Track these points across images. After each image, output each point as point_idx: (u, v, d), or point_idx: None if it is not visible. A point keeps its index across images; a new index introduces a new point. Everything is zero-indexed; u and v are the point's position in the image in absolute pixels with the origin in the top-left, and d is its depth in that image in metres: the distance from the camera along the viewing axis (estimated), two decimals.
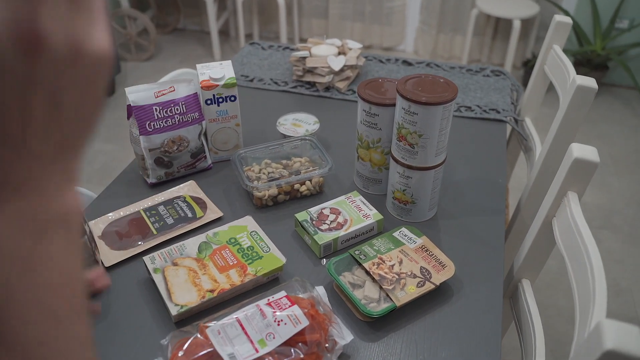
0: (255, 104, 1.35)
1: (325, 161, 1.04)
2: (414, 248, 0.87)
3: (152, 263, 0.86)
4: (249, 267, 0.85)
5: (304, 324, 0.72)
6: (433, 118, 0.84)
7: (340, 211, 0.95)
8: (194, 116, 1.06)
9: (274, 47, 1.64)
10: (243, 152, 1.06)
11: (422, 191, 0.94)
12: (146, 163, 1.05)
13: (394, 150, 0.93)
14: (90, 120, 0.35)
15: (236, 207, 1.03)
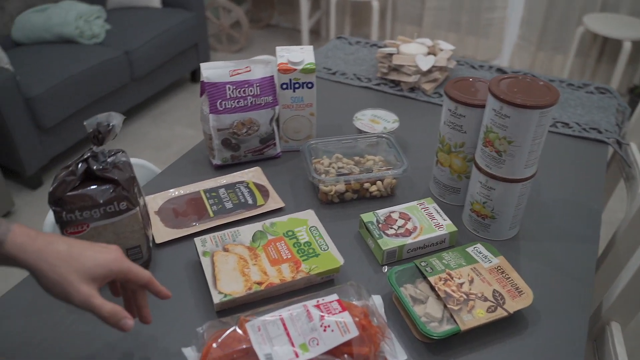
0: (334, 97, 1.29)
1: (400, 162, 0.95)
2: (489, 268, 0.77)
3: (202, 245, 0.82)
4: (303, 263, 0.79)
5: (353, 334, 0.64)
6: (527, 123, 0.74)
7: (410, 217, 0.87)
8: (267, 100, 1.01)
9: (362, 43, 1.57)
10: (314, 143, 1.00)
11: (505, 206, 0.83)
12: (213, 143, 1.02)
13: (478, 156, 0.83)
14: None
15: (300, 200, 0.97)
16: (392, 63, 1.30)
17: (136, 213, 0.78)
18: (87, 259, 0.59)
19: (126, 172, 0.77)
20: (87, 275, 0.58)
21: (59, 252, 0.58)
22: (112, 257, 0.61)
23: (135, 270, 0.63)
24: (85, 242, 0.62)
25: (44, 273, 0.57)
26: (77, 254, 0.58)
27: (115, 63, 2.43)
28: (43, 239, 0.58)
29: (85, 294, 0.57)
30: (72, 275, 0.57)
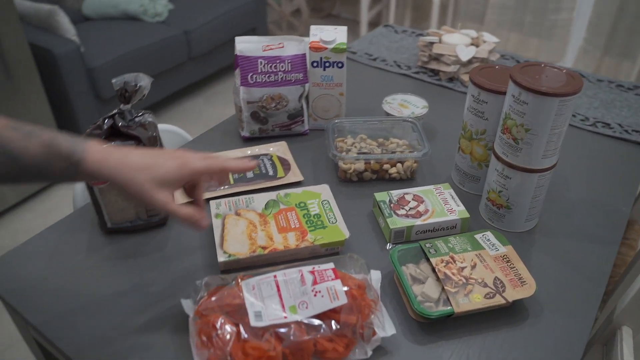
0: (371, 81, 1.29)
1: (422, 146, 0.95)
2: (494, 256, 0.76)
3: (216, 208, 0.85)
4: (309, 233, 0.80)
5: (342, 301, 0.65)
6: (545, 111, 0.72)
7: (423, 200, 0.87)
8: (297, 77, 1.03)
9: (408, 32, 1.56)
10: (339, 122, 1.01)
11: (521, 196, 0.82)
12: (242, 115, 1.05)
13: (497, 144, 0.81)
14: None
15: (319, 176, 0.98)
16: (432, 52, 1.29)
17: None
18: (159, 168, 0.61)
19: (150, 131, 0.81)
20: (162, 182, 0.61)
21: (133, 164, 0.60)
22: (181, 162, 0.63)
23: (205, 167, 0.64)
24: (155, 150, 0.64)
25: (123, 186, 0.60)
26: (150, 164, 0.61)
27: (174, 41, 2.52)
28: (117, 153, 0.61)
29: (161, 201, 0.61)
30: (148, 184, 0.60)
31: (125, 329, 0.70)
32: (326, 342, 0.64)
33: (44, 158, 0.58)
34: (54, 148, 0.58)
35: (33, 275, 0.78)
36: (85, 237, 0.85)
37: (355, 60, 1.39)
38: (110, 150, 0.61)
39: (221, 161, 0.66)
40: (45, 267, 0.80)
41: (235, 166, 0.68)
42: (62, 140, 0.59)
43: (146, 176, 0.60)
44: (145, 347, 0.68)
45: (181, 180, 0.63)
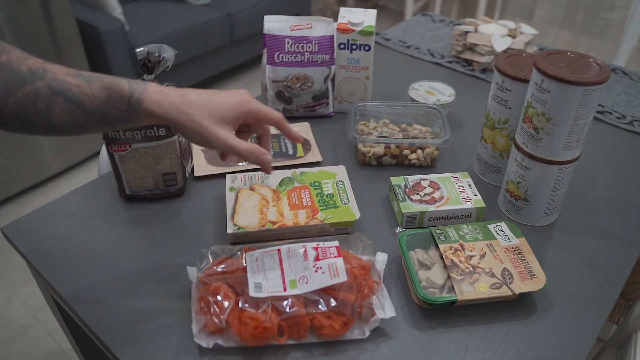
0: (401, 68, 1.28)
1: (444, 133, 0.93)
2: (505, 247, 0.74)
3: (231, 182, 0.86)
4: (320, 212, 0.80)
5: (342, 279, 0.65)
6: (568, 101, 0.69)
7: (439, 186, 0.85)
8: (324, 58, 1.03)
9: (445, 21, 1.53)
10: (363, 105, 1.01)
11: (540, 189, 0.79)
12: (267, 94, 1.06)
13: (518, 133, 0.79)
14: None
15: (339, 158, 0.98)
16: (467, 41, 1.26)
17: (174, 141, 0.84)
18: (216, 104, 0.60)
19: None
20: (221, 119, 0.60)
21: (191, 101, 0.60)
22: (240, 99, 0.62)
23: (265, 110, 0.64)
24: (212, 90, 0.63)
25: (182, 123, 0.60)
26: (208, 101, 0.60)
27: (217, 24, 2.55)
28: (175, 93, 0.61)
29: (222, 137, 0.60)
30: (207, 121, 0.59)
31: (132, 291, 0.73)
32: (323, 319, 0.65)
33: (105, 101, 0.58)
34: (115, 90, 0.59)
35: (53, 235, 0.81)
36: (105, 203, 0.88)
37: (388, 47, 1.38)
38: (169, 90, 0.61)
39: (278, 116, 0.65)
40: (65, 228, 0.83)
41: (289, 129, 0.67)
42: (122, 82, 0.59)
43: (205, 113, 0.60)
44: (149, 309, 0.70)
45: (240, 117, 0.62)
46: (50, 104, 0.57)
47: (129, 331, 0.67)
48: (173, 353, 0.65)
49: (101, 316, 0.69)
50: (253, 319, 0.63)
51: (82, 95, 0.58)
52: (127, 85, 0.59)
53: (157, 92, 0.60)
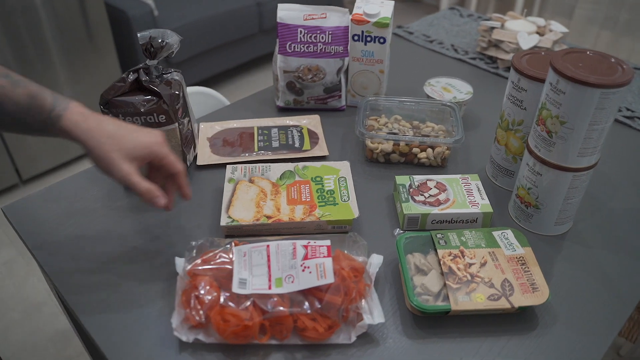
0: (421, 63, 1.23)
1: (456, 133, 0.89)
2: (509, 256, 0.69)
3: (231, 173, 0.84)
4: (318, 208, 0.77)
5: (328, 280, 0.62)
6: (584, 103, 0.64)
7: (446, 188, 0.81)
8: (337, 49, 0.99)
9: (473, 16, 1.47)
10: (374, 99, 0.97)
11: (551, 196, 0.74)
12: (278, 84, 1.03)
13: (531, 136, 0.74)
14: None
15: (346, 153, 0.95)
16: (492, 37, 1.20)
17: (174, 129, 0.82)
18: (128, 140, 0.62)
19: (173, 89, 0.81)
20: (129, 154, 0.62)
21: (107, 131, 0.62)
22: (154, 140, 0.64)
23: (172, 159, 0.66)
24: (132, 125, 0.65)
25: (92, 149, 0.61)
26: (122, 135, 0.62)
27: (246, 12, 2.54)
28: (94, 118, 0.62)
29: (125, 171, 0.62)
30: (115, 153, 0.61)
31: (121, 279, 0.71)
32: (307, 320, 0.62)
33: (25, 108, 0.60)
34: (38, 100, 0.61)
35: (51, 217, 0.81)
36: (105, 188, 0.87)
37: (411, 40, 1.33)
38: (90, 114, 0.62)
39: (180, 168, 0.67)
40: (63, 211, 0.82)
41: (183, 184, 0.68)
42: (47, 95, 0.61)
43: (115, 145, 0.62)
44: (136, 299, 0.69)
45: (147, 158, 0.64)
46: None
47: (113, 320, 0.66)
48: (153, 345, 0.63)
49: (87, 303, 0.68)
50: (234, 316, 0.61)
51: (3, 96, 0.59)
52: (51, 100, 0.61)
53: (78, 113, 0.62)
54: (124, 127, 0.64)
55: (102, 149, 0.61)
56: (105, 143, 0.61)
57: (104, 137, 0.61)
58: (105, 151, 0.61)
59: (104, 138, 0.61)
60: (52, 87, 1.99)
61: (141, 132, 0.64)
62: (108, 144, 0.61)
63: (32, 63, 1.90)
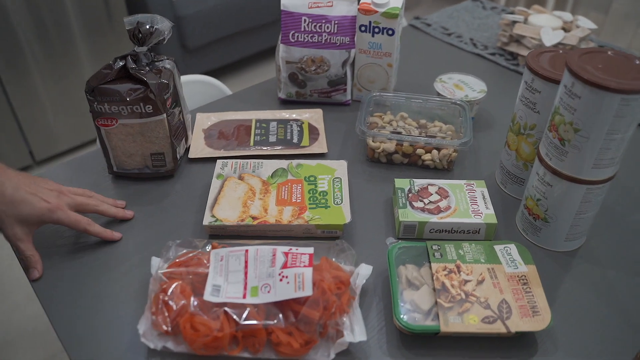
0: (435, 57, 1.16)
1: (464, 134, 0.83)
2: (510, 274, 0.63)
3: (221, 168, 0.80)
4: (308, 211, 0.72)
5: (306, 293, 0.57)
6: (602, 110, 0.58)
7: (448, 195, 0.75)
8: (343, 40, 0.94)
9: (497, 9, 1.39)
10: (379, 95, 0.91)
11: (562, 209, 0.68)
12: (281, 75, 0.98)
13: (542, 143, 0.68)
14: None
15: (347, 152, 0.89)
16: (513, 32, 1.13)
17: (162, 120, 0.78)
18: (25, 206, 0.64)
19: (162, 78, 0.77)
20: (22, 221, 0.64)
21: (4, 195, 0.64)
22: (46, 208, 0.65)
23: (67, 222, 0.67)
24: (34, 185, 0.66)
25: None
26: (19, 200, 0.64)
27: None
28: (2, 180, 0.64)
29: (15, 236, 0.65)
30: (10, 218, 0.64)
31: (97, 276, 0.68)
32: (283, 334, 0.57)
33: None
34: None
35: None
36: (93, 178, 0.84)
37: (427, 32, 1.26)
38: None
39: (82, 227, 0.68)
40: None
41: (96, 234, 0.70)
42: None
43: (10, 211, 0.63)
44: (109, 299, 0.65)
45: (42, 223, 0.66)
46: None
47: (83, 320, 0.63)
48: (121, 350, 0.60)
49: (59, 300, 0.65)
50: (204, 325, 0.57)
51: None
52: None
53: None
54: (23, 190, 0.65)
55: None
56: (0, 207, 0.63)
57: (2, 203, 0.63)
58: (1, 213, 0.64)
59: (1, 204, 0.63)
60: (74, 66, 1.99)
61: (38, 199, 0.65)
62: (2, 208, 0.63)
63: (54, 43, 1.90)
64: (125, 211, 0.74)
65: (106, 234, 0.71)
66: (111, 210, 0.72)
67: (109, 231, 0.71)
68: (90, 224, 0.69)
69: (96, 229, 0.70)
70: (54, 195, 0.67)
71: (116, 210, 0.73)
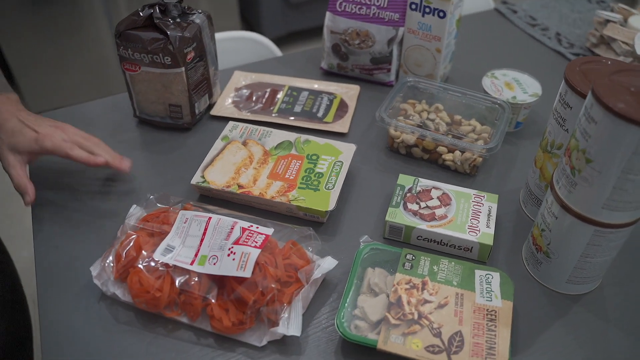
0: (507, 49, 1.05)
1: (493, 139, 0.74)
2: (479, 305, 0.57)
3: (230, 130, 0.79)
4: (295, 190, 0.70)
5: (245, 274, 0.55)
6: (619, 143, 0.48)
7: (450, 203, 0.68)
8: (392, 17, 0.87)
9: (605, 3, 1.22)
10: (415, 81, 0.84)
11: (565, 247, 0.59)
12: (324, 45, 0.94)
13: (558, 167, 0.59)
14: None
15: (370, 136, 0.84)
16: (604, 33, 0.98)
17: (181, 73, 0.78)
18: (18, 136, 0.68)
19: (186, 32, 0.76)
20: (15, 149, 0.68)
21: (6, 127, 0.68)
22: (34, 137, 0.68)
23: (52, 148, 0.68)
24: (38, 121, 0.70)
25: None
26: (16, 131, 0.68)
27: None
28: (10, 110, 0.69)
29: (7, 162, 0.69)
30: (4, 146, 0.68)
31: (88, 211, 0.71)
32: (218, 309, 0.56)
33: None
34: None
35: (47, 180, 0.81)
36: (119, 118, 0.87)
37: (511, 20, 1.14)
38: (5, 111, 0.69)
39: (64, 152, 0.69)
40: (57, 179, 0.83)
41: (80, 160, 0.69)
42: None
43: (7, 139, 0.68)
44: (86, 236, 0.68)
45: (33, 151, 0.69)
46: None
47: (60, 256, 0.66)
48: (80, 287, 0.62)
49: (47, 230, 0.69)
50: (146, 282, 0.57)
51: None
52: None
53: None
54: (26, 122, 0.69)
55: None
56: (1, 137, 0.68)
57: (2, 132, 0.68)
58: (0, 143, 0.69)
59: (2, 133, 0.68)
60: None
61: (29, 130, 0.68)
62: (2, 138, 0.68)
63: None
64: (123, 161, 0.72)
65: (89, 159, 0.69)
66: (108, 157, 0.71)
67: (91, 155, 0.70)
68: (72, 149, 0.69)
69: (78, 153, 0.69)
70: (50, 129, 0.69)
71: (113, 159, 0.71)
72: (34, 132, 0.68)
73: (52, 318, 0.59)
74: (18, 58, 1.91)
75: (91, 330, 0.58)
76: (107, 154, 0.71)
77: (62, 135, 0.69)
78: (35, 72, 1.97)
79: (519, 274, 0.65)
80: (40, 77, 1.99)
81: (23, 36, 1.88)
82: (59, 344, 0.57)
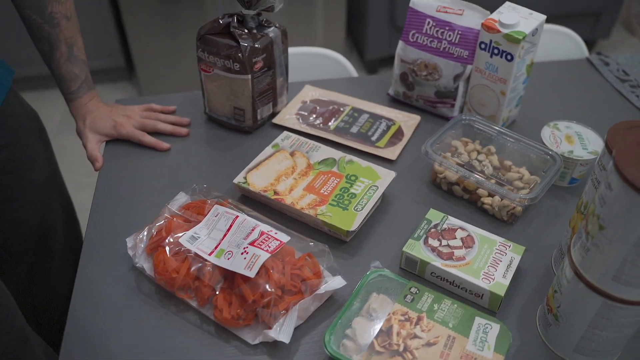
0: (584, 101, 1.00)
1: (534, 190, 0.72)
2: (468, 352, 0.56)
3: (281, 139, 0.84)
4: (325, 205, 0.73)
5: (250, 274, 0.60)
6: (632, 213, 0.46)
7: (472, 246, 0.68)
8: (462, 53, 0.88)
9: None
10: (472, 120, 0.84)
11: (573, 314, 0.57)
12: (394, 72, 0.96)
13: (578, 230, 0.57)
14: None
15: (416, 168, 0.85)
16: None
17: (247, 80, 0.84)
18: (100, 122, 0.86)
19: (257, 43, 0.82)
20: (96, 131, 0.86)
21: (91, 113, 0.87)
22: (112, 125, 0.86)
23: (127, 135, 0.86)
24: (114, 112, 0.88)
25: (77, 122, 0.88)
26: (99, 118, 0.87)
27: None
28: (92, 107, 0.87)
29: (86, 139, 0.86)
30: (87, 128, 0.86)
31: (149, 186, 0.79)
32: (222, 300, 0.61)
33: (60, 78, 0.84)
34: (69, 82, 0.84)
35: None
36: (190, 113, 0.95)
37: (600, 71, 1.08)
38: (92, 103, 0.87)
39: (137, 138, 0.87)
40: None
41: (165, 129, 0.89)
42: (77, 81, 0.85)
43: (90, 123, 0.86)
44: (133, 214, 0.76)
45: (111, 135, 0.87)
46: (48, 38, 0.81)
47: (110, 225, 0.75)
48: (118, 256, 0.70)
49: (106, 201, 0.78)
50: (168, 263, 0.64)
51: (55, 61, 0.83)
52: (76, 87, 0.85)
53: (82, 104, 0.87)
54: (110, 112, 0.87)
55: (82, 124, 0.87)
56: (85, 121, 0.86)
57: (85, 119, 0.86)
58: (81, 126, 0.87)
59: (86, 120, 0.86)
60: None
61: (109, 119, 0.86)
62: (86, 122, 0.86)
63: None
64: (181, 129, 0.90)
65: (157, 144, 0.87)
66: (167, 128, 0.89)
67: (159, 141, 0.87)
68: (143, 136, 0.87)
69: (148, 139, 0.87)
70: (124, 118, 0.87)
71: (172, 128, 0.89)
72: (113, 120, 0.85)
73: (87, 276, 0.67)
74: (140, 49, 2.12)
75: (116, 294, 0.65)
76: (165, 127, 0.89)
77: (134, 123, 0.86)
78: (152, 62, 2.17)
79: (529, 333, 0.63)
80: (156, 67, 2.19)
81: (148, 30, 2.09)
82: (88, 300, 0.65)
